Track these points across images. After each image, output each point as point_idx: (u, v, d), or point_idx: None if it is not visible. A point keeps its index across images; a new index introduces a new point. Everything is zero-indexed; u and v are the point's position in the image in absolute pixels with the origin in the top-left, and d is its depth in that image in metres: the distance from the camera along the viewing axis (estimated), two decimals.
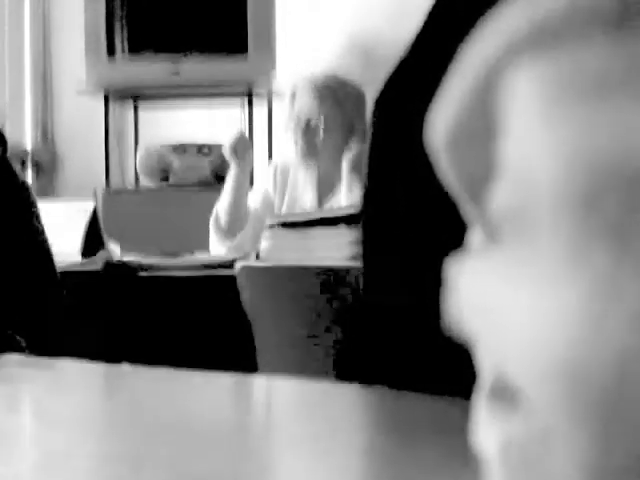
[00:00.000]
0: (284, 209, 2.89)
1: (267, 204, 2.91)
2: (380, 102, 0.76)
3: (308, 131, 2.87)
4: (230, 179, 2.87)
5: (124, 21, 3.78)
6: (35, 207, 1.69)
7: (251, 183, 3.08)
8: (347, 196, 2.78)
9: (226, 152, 2.85)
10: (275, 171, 2.94)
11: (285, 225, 1.97)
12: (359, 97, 2.94)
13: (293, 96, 2.93)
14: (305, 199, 2.90)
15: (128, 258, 2.57)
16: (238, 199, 2.84)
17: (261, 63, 3.66)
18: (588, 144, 0.20)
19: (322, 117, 2.86)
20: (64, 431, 0.59)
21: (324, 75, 2.97)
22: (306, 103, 2.88)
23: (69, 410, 0.67)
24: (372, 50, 3.86)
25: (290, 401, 0.75)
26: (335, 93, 2.89)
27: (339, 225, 1.89)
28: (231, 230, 2.83)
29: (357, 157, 2.81)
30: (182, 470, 0.45)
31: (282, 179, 2.94)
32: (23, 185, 1.68)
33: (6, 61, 4.32)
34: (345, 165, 2.82)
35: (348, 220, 1.87)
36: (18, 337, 1.53)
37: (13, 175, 1.64)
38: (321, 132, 2.86)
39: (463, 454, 0.29)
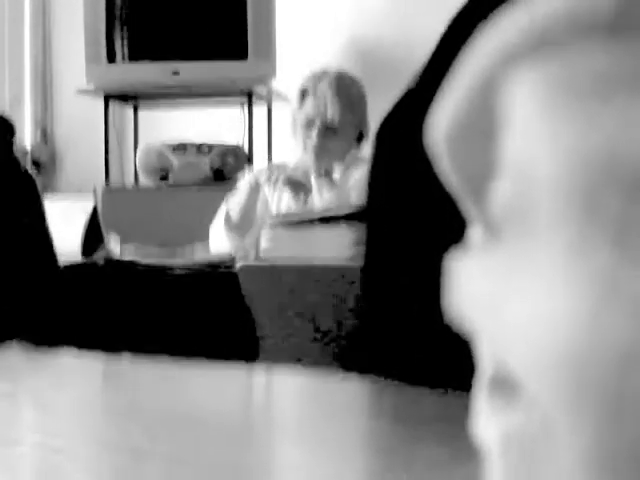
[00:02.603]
0: (274, 208, 2.90)
1: (265, 205, 2.92)
2: (386, 125, 0.77)
3: (324, 130, 2.85)
4: (247, 183, 2.89)
5: (124, 26, 3.78)
6: (39, 199, 1.68)
7: None
8: (318, 198, 2.79)
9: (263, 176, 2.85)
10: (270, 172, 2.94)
11: (286, 224, 1.97)
12: (364, 95, 2.93)
13: (304, 94, 2.89)
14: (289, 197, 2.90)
15: (128, 257, 2.57)
16: (253, 199, 2.86)
17: (261, 68, 3.65)
18: (587, 141, 0.20)
19: (339, 116, 2.83)
20: (64, 422, 0.59)
21: (337, 73, 2.92)
22: (321, 102, 2.85)
23: (69, 401, 0.68)
24: (371, 53, 3.86)
25: (292, 393, 0.75)
26: (351, 95, 2.87)
27: (340, 224, 1.88)
28: (241, 226, 2.83)
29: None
30: (182, 460, 0.45)
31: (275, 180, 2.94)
32: (27, 176, 1.68)
33: (6, 60, 4.31)
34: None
35: (349, 219, 1.87)
36: (20, 328, 1.53)
37: (17, 166, 1.64)
38: (338, 132, 2.84)
39: (464, 446, 0.30)
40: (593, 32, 0.21)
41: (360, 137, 2.92)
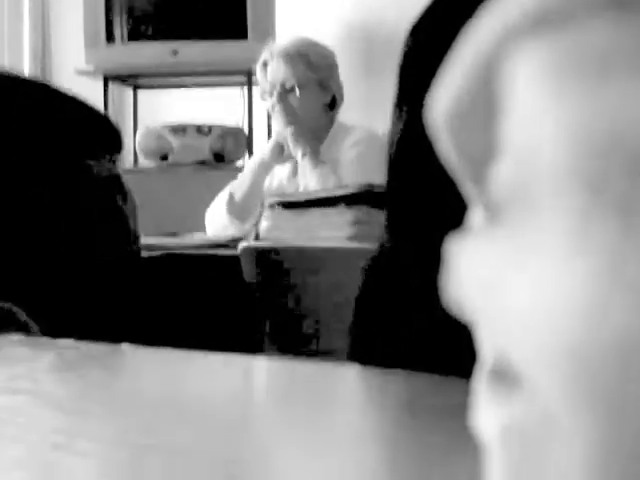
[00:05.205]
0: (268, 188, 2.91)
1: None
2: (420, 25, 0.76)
3: (284, 94, 2.88)
4: (253, 164, 2.91)
5: (123, 6, 3.77)
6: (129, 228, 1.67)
7: None
8: (302, 181, 2.80)
9: (274, 149, 2.87)
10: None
11: (285, 205, 1.97)
12: (330, 58, 2.96)
13: (265, 64, 2.95)
14: (281, 175, 2.92)
15: None
16: (260, 182, 2.88)
17: (261, 48, 3.65)
18: (591, 119, 0.20)
19: (295, 78, 2.87)
20: (64, 412, 0.59)
21: (294, 39, 2.98)
22: (279, 68, 2.89)
23: (69, 390, 0.67)
24: (373, 36, 3.85)
25: (294, 383, 0.75)
26: (306, 55, 2.91)
27: (339, 205, 1.88)
28: (244, 210, 2.84)
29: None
30: (183, 453, 0.45)
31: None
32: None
33: (5, 41, 4.31)
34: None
35: (348, 200, 1.87)
36: (22, 314, 1.53)
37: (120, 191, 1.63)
38: (297, 92, 2.87)
39: (464, 437, 0.29)
40: (595, 8, 0.20)
41: (333, 103, 2.94)
